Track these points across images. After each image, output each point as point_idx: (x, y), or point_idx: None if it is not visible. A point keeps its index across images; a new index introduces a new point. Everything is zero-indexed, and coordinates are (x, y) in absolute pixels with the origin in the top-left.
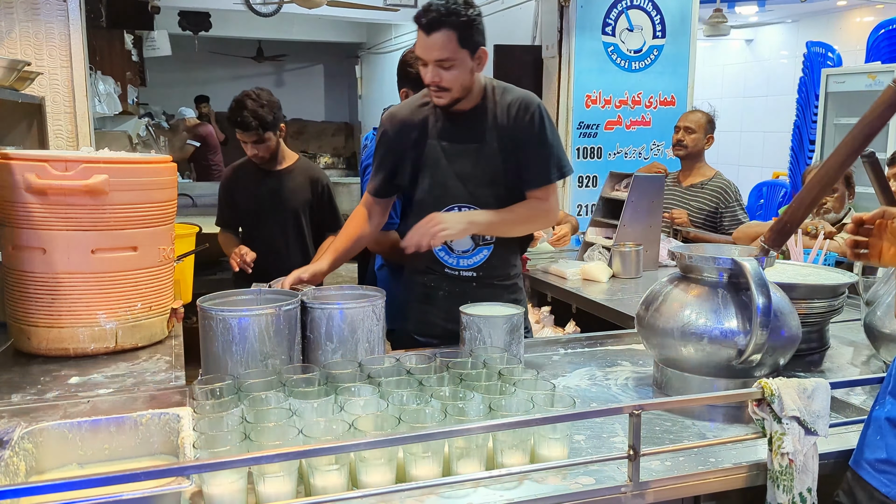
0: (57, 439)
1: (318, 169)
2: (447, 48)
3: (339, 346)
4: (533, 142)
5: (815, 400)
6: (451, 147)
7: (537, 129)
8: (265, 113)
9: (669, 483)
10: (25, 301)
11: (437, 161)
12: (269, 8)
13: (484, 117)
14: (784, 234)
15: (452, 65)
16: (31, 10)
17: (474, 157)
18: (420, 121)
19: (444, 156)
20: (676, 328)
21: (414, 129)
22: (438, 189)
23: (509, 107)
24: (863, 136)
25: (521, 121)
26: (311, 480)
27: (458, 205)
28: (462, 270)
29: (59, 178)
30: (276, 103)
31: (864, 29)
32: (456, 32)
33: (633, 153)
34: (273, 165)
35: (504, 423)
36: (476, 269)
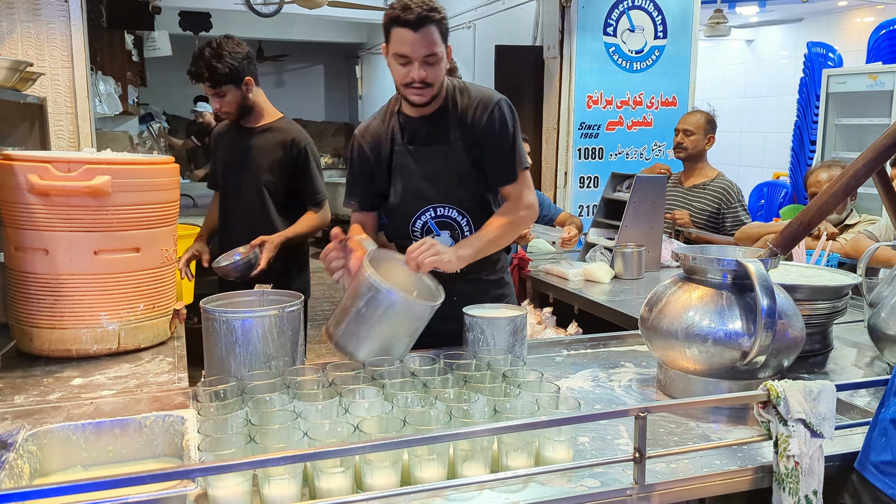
0: (61, 441)
1: (297, 130)
2: (434, 43)
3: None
4: (494, 140)
5: (821, 402)
6: (419, 150)
7: (499, 126)
8: (220, 65)
9: (675, 486)
10: (28, 302)
11: (405, 165)
12: (269, 8)
13: (446, 118)
14: (795, 239)
15: (437, 60)
16: (33, 11)
17: (442, 157)
18: (388, 129)
19: (412, 159)
20: (680, 330)
21: (383, 138)
22: (410, 192)
23: (468, 107)
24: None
25: (480, 119)
26: (316, 483)
27: (431, 206)
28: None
29: (62, 180)
30: (238, 54)
31: (864, 29)
32: (438, 28)
33: (634, 154)
34: (248, 122)
35: (509, 425)
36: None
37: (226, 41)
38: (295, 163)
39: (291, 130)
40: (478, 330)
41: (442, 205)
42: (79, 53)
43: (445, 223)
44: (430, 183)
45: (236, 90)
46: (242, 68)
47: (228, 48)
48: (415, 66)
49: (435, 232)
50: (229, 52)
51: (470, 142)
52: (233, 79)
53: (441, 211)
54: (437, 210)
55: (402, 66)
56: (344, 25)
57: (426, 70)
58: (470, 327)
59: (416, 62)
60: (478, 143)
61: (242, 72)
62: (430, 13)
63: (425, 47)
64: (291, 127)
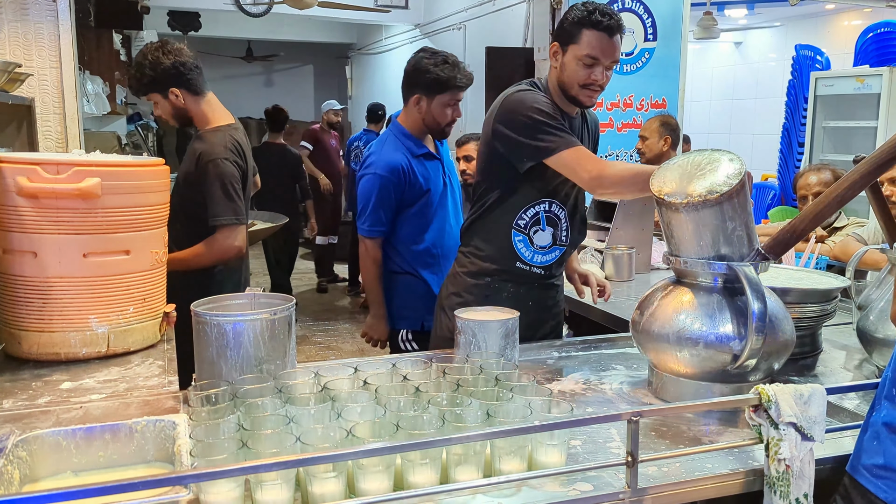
0: (51, 447)
1: (213, 139)
2: (619, 51)
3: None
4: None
5: (812, 406)
6: None
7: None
8: (138, 75)
9: (667, 489)
10: (16, 305)
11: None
12: (259, 8)
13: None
14: (787, 246)
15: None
16: (21, 11)
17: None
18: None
19: None
20: (671, 333)
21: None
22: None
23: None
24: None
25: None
26: (309, 488)
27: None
28: (534, 266)
29: (51, 182)
30: (162, 64)
31: (851, 32)
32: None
33: (624, 156)
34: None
35: (503, 430)
36: (546, 266)
37: (154, 49)
38: (199, 176)
39: (206, 139)
40: (469, 333)
41: (556, 201)
42: (67, 54)
43: (553, 220)
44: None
45: (163, 99)
46: (164, 79)
47: (152, 57)
48: (600, 69)
49: (542, 226)
50: (152, 61)
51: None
52: (154, 88)
53: (554, 208)
54: (552, 205)
55: (587, 68)
56: (334, 26)
57: (607, 74)
58: (462, 330)
59: (603, 66)
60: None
61: (165, 82)
62: (621, 22)
63: (614, 54)
64: (211, 136)
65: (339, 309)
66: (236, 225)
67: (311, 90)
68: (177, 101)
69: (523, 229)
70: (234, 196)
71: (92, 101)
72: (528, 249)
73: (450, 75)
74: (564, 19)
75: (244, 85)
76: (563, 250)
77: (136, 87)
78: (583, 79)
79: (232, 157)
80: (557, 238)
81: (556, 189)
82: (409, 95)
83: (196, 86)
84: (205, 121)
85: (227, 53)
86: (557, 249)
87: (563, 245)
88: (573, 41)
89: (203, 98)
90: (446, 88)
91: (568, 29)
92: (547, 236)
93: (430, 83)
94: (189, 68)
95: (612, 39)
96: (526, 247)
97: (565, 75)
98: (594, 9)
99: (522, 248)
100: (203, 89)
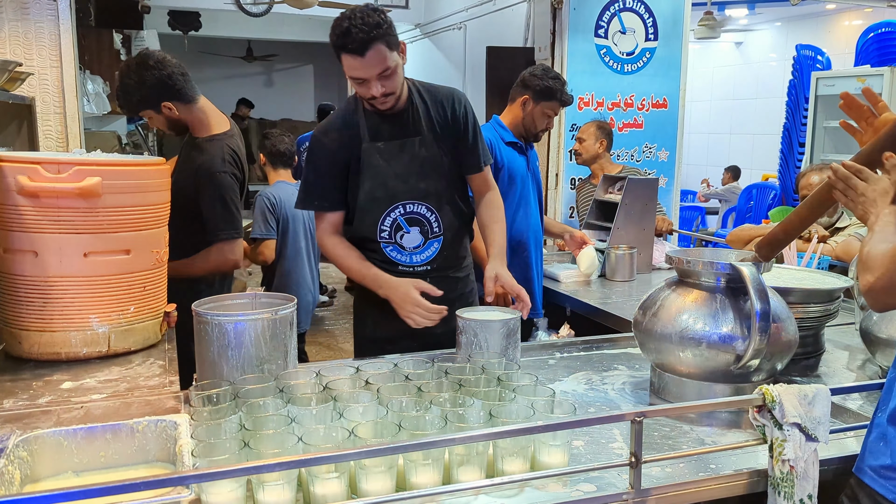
0: (52, 447)
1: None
2: (384, 59)
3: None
4: (469, 131)
5: (816, 406)
6: (387, 145)
7: (471, 119)
8: (125, 97)
9: (671, 490)
10: (17, 304)
11: (373, 163)
12: (259, 8)
13: (416, 113)
14: (775, 248)
15: (392, 72)
16: (21, 10)
17: (412, 150)
18: (352, 129)
19: (380, 156)
20: (674, 333)
21: (347, 138)
22: (379, 189)
23: (442, 100)
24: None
25: (455, 111)
26: (311, 488)
27: (400, 203)
28: (416, 266)
29: (52, 181)
30: (146, 81)
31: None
32: (385, 43)
33: (625, 155)
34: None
35: (506, 430)
36: (429, 262)
37: (136, 67)
38: (202, 188)
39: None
40: (471, 333)
41: (411, 201)
42: (67, 53)
43: (414, 219)
44: (399, 179)
45: (157, 114)
46: (153, 95)
47: (136, 76)
48: (372, 83)
49: (405, 229)
50: (137, 80)
51: (442, 132)
52: (145, 106)
53: (410, 207)
54: (407, 207)
55: (360, 86)
56: None
57: (384, 84)
58: (463, 330)
59: (372, 80)
60: (450, 132)
61: (155, 98)
62: (371, 33)
63: (376, 67)
64: (213, 150)
65: (339, 308)
66: (234, 239)
67: (311, 90)
68: (171, 113)
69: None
70: (232, 210)
71: (92, 100)
72: (401, 254)
73: (558, 88)
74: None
75: (244, 85)
76: (441, 240)
77: (126, 108)
78: (363, 94)
79: (230, 170)
80: (429, 232)
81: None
82: (518, 96)
83: (186, 94)
84: (200, 127)
85: (227, 53)
86: (435, 242)
87: (437, 236)
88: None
89: (196, 104)
90: (552, 98)
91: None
92: (415, 236)
93: (542, 90)
94: (175, 78)
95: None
96: (398, 252)
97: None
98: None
99: (396, 254)
100: (194, 95)
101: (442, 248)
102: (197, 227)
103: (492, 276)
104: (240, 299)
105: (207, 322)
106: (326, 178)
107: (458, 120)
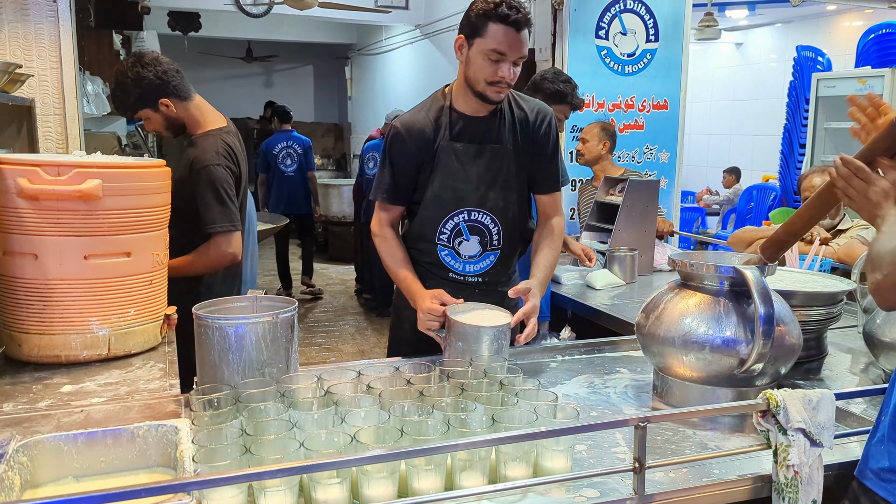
0: (52, 452)
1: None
2: (526, 46)
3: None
4: (548, 149)
5: (821, 411)
6: (465, 148)
7: (553, 138)
8: (122, 96)
9: (674, 496)
10: (16, 307)
11: (448, 163)
12: (259, 9)
13: (502, 120)
14: (779, 250)
15: (523, 62)
16: (21, 11)
17: (489, 158)
18: (434, 123)
19: (456, 158)
20: (677, 337)
21: (428, 132)
22: (448, 191)
23: (529, 112)
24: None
25: (540, 127)
26: (313, 494)
27: (466, 208)
28: (468, 276)
29: (52, 183)
30: (143, 79)
31: (853, 33)
32: (529, 32)
33: (626, 157)
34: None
35: (509, 436)
36: (481, 274)
37: (131, 66)
38: (194, 184)
39: (200, 144)
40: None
41: (477, 209)
42: (67, 54)
43: (476, 228)
44: (470, 184)
45: (154, 113)
46: (151, 93)
47: (132, 74)
48: (507, 64)
49: (465, 236)
50: (133, 78)
51: (523, 145)
52: (143, 105)
53: (475, 215)
54: (472, 214)
55: (493, 63)
56: (334, 26)
57: (515, 70)
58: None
59: (510, 61)
60: (532, 147)
61: (153, 96)
62: (528, 16)
63: (521, 49)
64: (207, 144)
65: (339, 309)
66: (231, 232)
67: (310, 91)
68: (168, 111)
69: (447, 243)
70: (227, 202)
71: (92, 101)
72: (456, 261)
73: (569, 91)
74: (470, 11)
75: (244, 85)
76: (498, 254)
77: (123, 108)
78: (489, 74)
79: (225, 163)
80: (487, 243)
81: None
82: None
83: (182, 91)
84: (196, 125)
85: (226, 54)
86: (491, 255)
87: (496, 249)
88: (479, 34)
89: (191, 102)
90: (563, 101)
91: (475, 21)
92: (473, 245)
93: (553, 93)
94: (171, 74)
95: (519, 34)
96: (454, 258)
97: (474, 71)
98: (501, 1)
99: (451, 260)
100: (190, 92)
101: (497, 261)
102: (197, 227)
103: (525, 291)
104: (240, 302)
105: (208, 325)
106: (400, 174)
107: (541, 136)
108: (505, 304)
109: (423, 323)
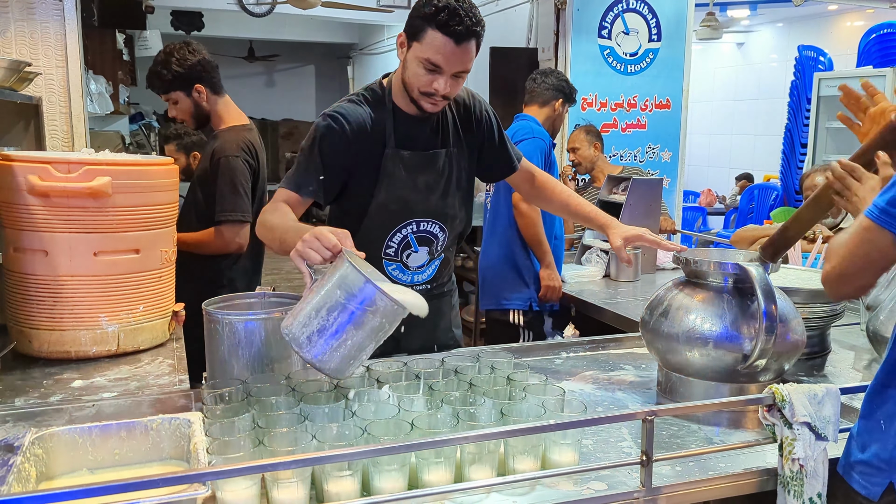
0: (67, 444)
1: (226, 137)
2: (470, 59)
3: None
4: (495, 134)
5: (826, 406)
6: (413, 156)
7: (494, 120)
8: (165, 71)
9: (681, 488)
10: (27, 304)
11: (394, 173)
12: (262, 8)
13: (446, 122)
14: (780, 249)
15: (465, 76)
16: (27, 10)
17: (438, 164)
18: (376, 126)
19: (402, 167)
20: (682, 333)
21: (370, 133)
22: (395, 203)
23: (466, 98)
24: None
25: (479, 116)
26: (324, 486)
27: (415, 220)
28: (415, 286)
29: (62, 181)
30: (188, 61)
31: (854, 33)
32: (477, 44)
33: (629, 156)
34: (209, 127)
35: (518, 429)
36: (428, 281)
37: (179, 48)
38: (214, 172)
39: (221, 137)
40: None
41: (426, 219)
42: (73, 53)
43: (426, 239)
44: (419, 194)
45: (186, 97)
46: (191, 76)
47: (178, 55)
48: (443, 78)
49: (413, 248)
50: (178, 58)
51: (467, 142)
52: (180, 85)
53: (424, 225)
54: (421, 224)
55: (428, 73)
56: (336, 26)
57: (452, 85)
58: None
59: (446, 75)
60: (475, 139)
61: (191, 79)
62: (476, 27)
63: (461, 63)
64: (227, 135)
65: None
66: (240, 223)
67: (312, 90)
68: (199, 98)
69: (394, 257)
70: (241, 193)
71: (95, 100)
72: (404, 273)
73: (575, 91)
74: (414, 9)
75: (246, 85)
76: (442, 258)
77: (159, 84)
78: (422, 85)
79: (243, 156)
80: (434, 251)
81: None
82: (553, 99)
83: (217, 85)
84: (220, 121)
85: (228, 53)
86: (437, 261)
87: (439, 255)
88: (416, 39)
89: (221, 98)
90: (573, 101)
91: (415, 25)
92: (422, 255)
93: (569, 93)
94: (212, 67)
95: (458, 47)
96: (401, 271)
97: (408, 77)
98: (445, 6)
99: (398, 274)
100: (222, 89)
101: (441, 264)
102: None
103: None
104: (248, 298)
105: (218, 321)
106: (331, 172)
107: (482, 123)
108: (444, 304)
109: (305, 251)
